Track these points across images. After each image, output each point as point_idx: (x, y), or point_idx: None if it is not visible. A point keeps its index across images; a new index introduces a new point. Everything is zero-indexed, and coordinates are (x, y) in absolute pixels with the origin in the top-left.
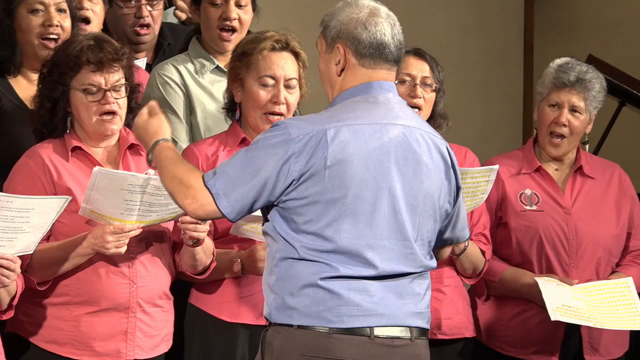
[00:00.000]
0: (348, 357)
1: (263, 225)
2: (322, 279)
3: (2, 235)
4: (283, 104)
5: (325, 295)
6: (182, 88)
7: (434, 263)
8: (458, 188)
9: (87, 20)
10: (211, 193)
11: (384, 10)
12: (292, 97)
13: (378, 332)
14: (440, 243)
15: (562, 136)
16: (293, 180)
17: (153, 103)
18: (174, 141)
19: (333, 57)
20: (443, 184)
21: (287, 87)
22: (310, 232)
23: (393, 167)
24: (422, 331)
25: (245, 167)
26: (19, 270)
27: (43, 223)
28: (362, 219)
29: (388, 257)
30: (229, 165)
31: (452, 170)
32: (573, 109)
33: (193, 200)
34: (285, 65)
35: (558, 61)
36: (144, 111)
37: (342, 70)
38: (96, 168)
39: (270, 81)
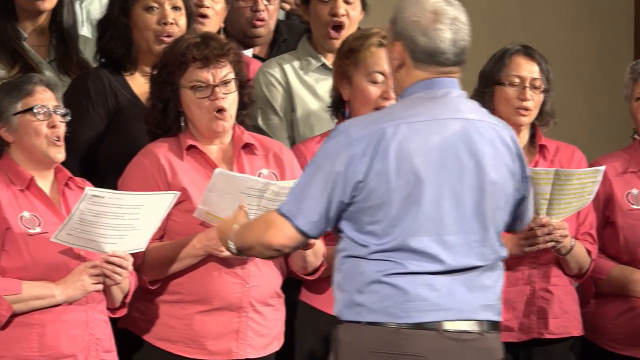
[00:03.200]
0: (417, 352)
1: None
2: (387, 275)
3: (114, 233)
4: (393, 99)
5: (392, 291)
6: (284, 85)
7: (503, 252)
8: (526, 177)
9: (205, 17)
10: (286, 217)
11: (451, 13)
12: None
13: (447, 326)
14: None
15: None
16: (358, 182)
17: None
18: None
19: (393, 51)
20: (509, 174)
21: None
22: (375, 231)
23: (456, 162)
24: (493, 324)
25: (312, 179)
26: (130, 268)
27: (153, 219)
28: (427, 216)
29: (455, 252)
30: (296, 184)
31: (518, 159)
32: None
33: (274, 232)
34: None
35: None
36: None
37: (399, 67)
38: (217, 169)
39: (380, 77)
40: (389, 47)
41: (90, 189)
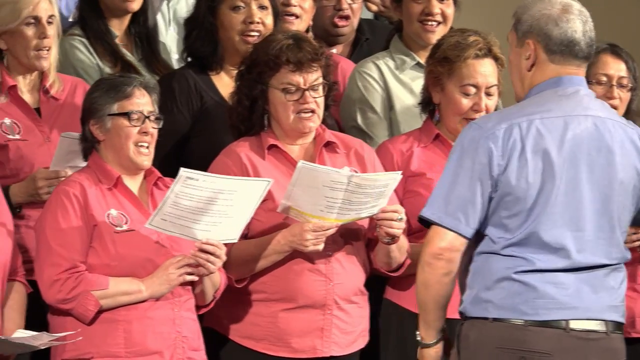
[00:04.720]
0: (543, 350)
1: None
2: (517, 272)
3: (207, 219)
4: (483, 111)
5: (521, 288)
6: (381, 84)
7: (628, 254)
8: None
9: (295, 16)
10: (433, 221)
11: (576, 6)
12: (492, 102)
13: (573, 325)
14: None
15: None
16: (497, 175)
17: None
18: None
19: (523, 51)
20: (636, 173)
21: (488, 94)
22: (506, 225)
23: (586, 158)
24: (617, 325)
25: (454, 181)
26: (224, 257)
27: (246, 208)
28: (557, 210)
29: (584, 249)
30: (436, 188)
31: None
32: None
33: (427, 243)
34: (487, 73)
35: None
36: None
37: (532, 65)
38: (300, 162)
39: (472, 89)
40: (515, 50)
41: (185, 170)
